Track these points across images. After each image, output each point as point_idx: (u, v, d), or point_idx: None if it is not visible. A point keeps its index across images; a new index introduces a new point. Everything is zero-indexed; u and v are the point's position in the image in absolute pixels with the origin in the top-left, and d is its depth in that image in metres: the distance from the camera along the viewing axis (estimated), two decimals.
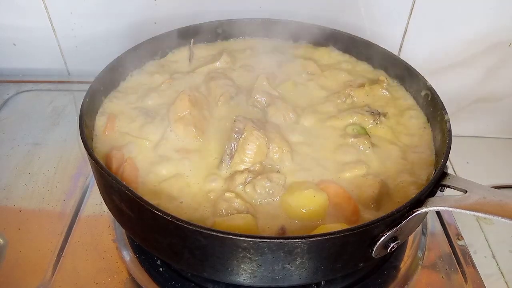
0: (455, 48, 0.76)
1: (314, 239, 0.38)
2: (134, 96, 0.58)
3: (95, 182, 0.52)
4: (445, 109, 0.52)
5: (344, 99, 0.59)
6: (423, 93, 0.58)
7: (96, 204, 0.61)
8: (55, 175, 0.66)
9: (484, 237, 0.64)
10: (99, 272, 0.53)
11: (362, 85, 0.61)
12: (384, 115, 0.56)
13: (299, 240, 0.37)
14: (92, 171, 0.50)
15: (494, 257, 0.61)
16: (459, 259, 0.57)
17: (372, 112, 0.56)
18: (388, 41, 0.63)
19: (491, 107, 0.82)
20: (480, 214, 0.41)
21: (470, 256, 0.57)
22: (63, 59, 0.85)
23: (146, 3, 0.76)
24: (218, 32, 0.69)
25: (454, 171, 0.75)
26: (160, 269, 0.53)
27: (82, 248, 0.56)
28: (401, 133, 0.55)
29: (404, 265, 0.55)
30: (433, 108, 0.55)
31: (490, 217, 0.40)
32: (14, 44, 0.83)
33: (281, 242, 0.38)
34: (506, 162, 0.78)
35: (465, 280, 0.54)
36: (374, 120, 0.55)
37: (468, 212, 0.41)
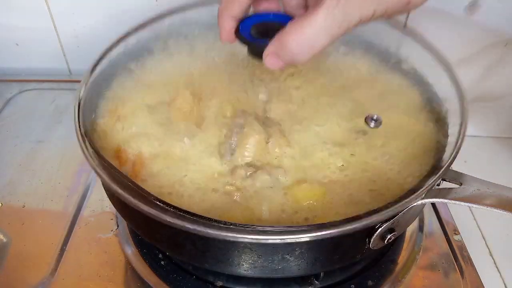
0: (452, 48, 0.77)
1: (313, 231, 0.39)
2: (136, 89, 0.57)
3: (98, 179, 0.53)
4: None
5: None
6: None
7: (98, 199, 0.62)
8: (58, 172, 0.66)
9: (480, 233, 0.64)
10: (102, 265, 0.54)
11: None
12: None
13: (300, 228, 0.39)
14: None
15: (491, 254, 0.62)
16: (455, 253, 0.57)
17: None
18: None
19: (489, 106, 0.83)
20: (475, 206, 0.42)
21: (466, 251, 0.58)
22: (65, 58, 0.86)
23: (147, 3, 0.77)
24: None
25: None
26: (162, 262, 0.54)
27: (85, 242, 0.57)
28: (401, 129, 0.56)
29: (401, 259, 0.56)
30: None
31: (485, 208, 0.42)
32: (17, 44, 0.84)
33: (281, 231, 0.39)
34: (503, 162, 0.79)
35: (462, 274, 0.55)
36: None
37: (463, 203, 0.43)
